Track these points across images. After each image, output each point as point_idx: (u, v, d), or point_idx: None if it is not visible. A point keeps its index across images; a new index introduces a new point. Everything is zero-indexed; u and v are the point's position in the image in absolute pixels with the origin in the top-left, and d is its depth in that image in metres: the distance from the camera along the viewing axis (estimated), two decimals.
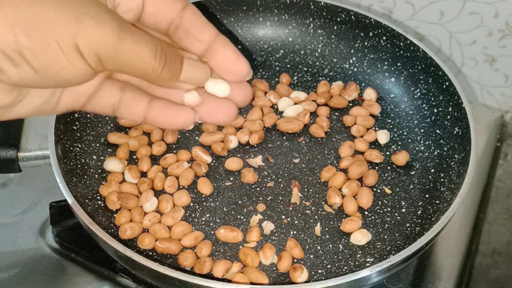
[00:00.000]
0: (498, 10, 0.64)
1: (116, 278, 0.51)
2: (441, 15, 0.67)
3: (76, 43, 0.28)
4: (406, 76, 0.59)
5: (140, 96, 0.34)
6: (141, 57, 0.30)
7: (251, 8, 0.63)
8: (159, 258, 0.47)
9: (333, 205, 0.51)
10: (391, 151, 0.56)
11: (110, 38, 0.29)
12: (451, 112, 0.54)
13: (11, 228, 0.55)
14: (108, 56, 0.29)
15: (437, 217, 0.46)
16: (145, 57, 0.30)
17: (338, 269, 0.47)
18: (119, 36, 0.29)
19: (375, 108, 0.59)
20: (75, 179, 0.49)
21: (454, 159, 0.52)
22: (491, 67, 0.69)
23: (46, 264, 0.52)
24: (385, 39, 0.60)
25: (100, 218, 0.49)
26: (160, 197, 0.50)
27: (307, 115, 0.58)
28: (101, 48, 0.29)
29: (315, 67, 0.63)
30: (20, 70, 0.28)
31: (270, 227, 0.49)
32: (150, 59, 0.30)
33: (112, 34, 0.29)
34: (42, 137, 0.50)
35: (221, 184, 0.52)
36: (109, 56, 0.29)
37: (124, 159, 0.53)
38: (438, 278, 0.52)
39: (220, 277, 0.45)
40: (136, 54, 0.30)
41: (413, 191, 0.52)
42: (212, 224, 0.49)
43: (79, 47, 0.28)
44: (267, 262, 0.47)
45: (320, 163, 0.55)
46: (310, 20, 0.63)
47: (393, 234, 0.49)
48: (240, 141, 0.55)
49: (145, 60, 0.30)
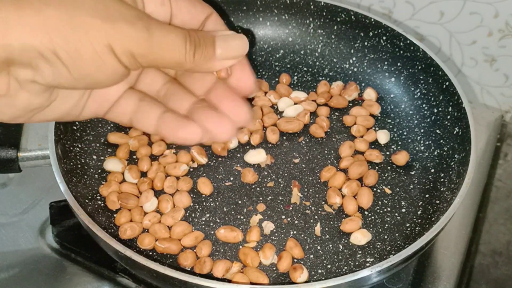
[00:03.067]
0: (498, 10, 0.64)
1: (116, 278, 0.51)
2: (441, 15, 0.67)
3: (110, 44, 0.29)
4: (406, 76, 0.59)
5: (155, 107, 0.35)
6: (172, 47, 0.31)
7: (251, 8, 0.63)
8: (159, 258, 0.47)
9: (333, 205, 0.51)
10: (391, 151, 0.56)
11: (141, 35, 0.30)
12: (451, 112, 0.54)
13: (11, 228, 0.55)
14: (141, 53, 0.30)
15: (437, 217, 0.46)
16: (175, 46, 0.31)
17: (338, 269, 0.47)
18: (149, 32, 0.30)
19: (375, 108, 0.59)
20: (75, 179, 0.49)
21: (454, 159, 0.52)
22: (491, 67, 0.69)
23: (46, 264, 0.52)
24: (385, 39, 0.60)
25: (100, 218, 0.49)
26: (160, 197, 0.50)
27: (307, 115, 0.58)
28: (134, 46, 0.30)
29: (315, 67, 0.63)
30: (54, 69, 0.29)
31: (270, 227, 0.49)
32: (180, 47, 0.31)
33: (143, 31, 0.30)
34: (42, 137, 0.50)
35: (221, 184, 0.52)
36: (142, 53, 0.30)
37: (124, 159, 0.53)
38: (438, 278, 0.52)
39: (220, 277, 0.45)
40: (167, 45, 0.31)
41: (413, 191, 0.52)
42: (212, 224, 0.49)
43: (112, 47, 0.29)
44: (267, 262, 0.47)
45: (320, 163, 0.55)
46: (310, 20, 0.63)
47: (393, 234, 0.49)
48: (240, 141, 0.56)
49: (176, 49, 0.31)
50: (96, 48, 0.29)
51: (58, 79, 0.29)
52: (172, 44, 0.31)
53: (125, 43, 0.29)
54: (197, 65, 0.32)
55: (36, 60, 0.28)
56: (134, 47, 0.30)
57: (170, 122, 0.34)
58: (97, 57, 0.29)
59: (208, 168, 0.54)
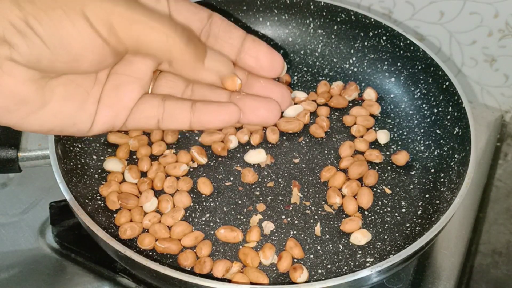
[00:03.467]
0: (498, 10, 0.64)
1: (116, 278, 0.51)
2: (441, 15, 0.67)
3: (83, 10, 0.28)
4: (406, 76, 0.59)
5: (182, 102, 0.34)
6: (158, 25, 0.29)
7: (251, 8, 0.63)
8: (159, 258, 0.47)
9: (333, 205, 0.51)
10: (391, 151, 0.56)
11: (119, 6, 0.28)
12: (451, 112, 0.54)
13: (11, 228, 0.55)
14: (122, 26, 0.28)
15: (437, 217, 0.46)
16: (162, 25, 0.29)
17: (338, 269, 0.47)
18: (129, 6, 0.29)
19: (375, 108, 0.59)
20: (75, 179, 0.49)
21: (454, 159, 0.52)
22: (491, 67, 0.69)
23: (46, 264, 0.52)
24: (385, 39, 0.60)
25: (100, 218, 0.49)
26: (160, 197, 0.50)
27: (307, 115, 0.58)
28: (113, 16, 0.28)
29: (315, 67, 0.63)
30: (29, 42, 0.28)
31: (270, 227, 0.49)
32: (168, 29, 0.29)
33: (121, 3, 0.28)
34: (42, 137, 0.50)
35: (221, 184, 0.52)
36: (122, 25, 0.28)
37: (124, 159, 0.53)
38: (438, 278, 0.52)
39: (220, 277, 0.45)
40: (152, 21, 0.29)
41: (413, 191, 0.52)
42: (212, 224, 0.49)
43: (86, 14, 0.28)
44: (267, 262, 0.47)
45: (320, 163, 0.55)
46: (310, 20, 0.63)
47: (393, 234, 0.49)
48: (240, 141, 0.56)
49: (162, 29, 0.29)
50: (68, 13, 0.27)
51: (34, 53, 0.28)
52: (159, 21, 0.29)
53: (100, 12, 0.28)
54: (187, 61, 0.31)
55: (8, 33, 0.27)
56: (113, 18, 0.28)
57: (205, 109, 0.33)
58: (71, 24, 0.28)
59: (208, 168, 0.54)
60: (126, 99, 0.34)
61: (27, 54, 0.28)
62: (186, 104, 0.34)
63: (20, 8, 0.27)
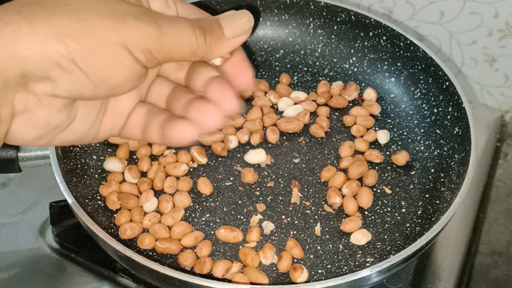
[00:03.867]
0: (498, 10, 0.64)
1: (116, 278, 0.51)
2: (441, 15, 0.67)
3: (124, 41, 0.29)
4: (406, 76, 0.59)
5: (159, 115, 0.35)
6: (183, 35, 0.31)
7: (251, 8, 0.63)
8: (159, 258, 0.47)
9: (333, 205, 0.51)
10: (391, 151, 0.56)
11: (151, 29, 0.30)
12: (451, 112, 0.54)
13: (11, 228, 0.55)
14: (157, 47, 0.30)
15: (437, 217, 0.46)
16: (186, 34, 0.31)
17: (338, 269, 0.47)
18: (158, 24, 0.30)
19: (375, 108, 0.59)
20: (75, 179, 0.49)
21: (454, 159, 0.52)
22: (491, 67, 0.69)
23: (46, 264, 0.52)
24: (385, 39, 0.60)
25: (100, 218, 0.49)
26: (160, 197, 0.50)
27: (307, 115, 0.58)
28: (148, 42, 0.30)
29: (315, 67, 0.63)
30: (72, 76, 0.29)
31: (270, 227, 0.49)
32: (191, 34, 0.31)
33: (152, 25, 0.30)
34: None
35: (221, 184, 0.52)
36: (157, 47, 0.30)
37: (124, 159, 0.53)
38: (438, 278, 0.52)
39: (220, 277, 0.45)
40: (178, 33, 0.31)
41: (413, 191, 0.52)
42: (212, 224, 0.49)
43: (126, 44, 0.29)
44: (267, 262, 0.47)
45: (320, 163, 0.55)
46: (310, 20, 0.63)
47: (393, 234, 0.49)
48: (240, 141, 0.56)
49: (187, 37, 0.31)
50: (112, 48, 0.29)
51: (78, 87, 0.29)
52: (182, 32, 0.31)
53: (139, 40, 0.29)
54: (210, 48, 0.32)
55: (53, 71, 0.28)
56: (149, 43, 0.30)
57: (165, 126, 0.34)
58: (114, 57, 0.29)
59: (208, 168, 0.54)
60: (125, 107, 0.35)
61: (69, 88, 0.29)
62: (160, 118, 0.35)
63: (66, 46, 0.28)
